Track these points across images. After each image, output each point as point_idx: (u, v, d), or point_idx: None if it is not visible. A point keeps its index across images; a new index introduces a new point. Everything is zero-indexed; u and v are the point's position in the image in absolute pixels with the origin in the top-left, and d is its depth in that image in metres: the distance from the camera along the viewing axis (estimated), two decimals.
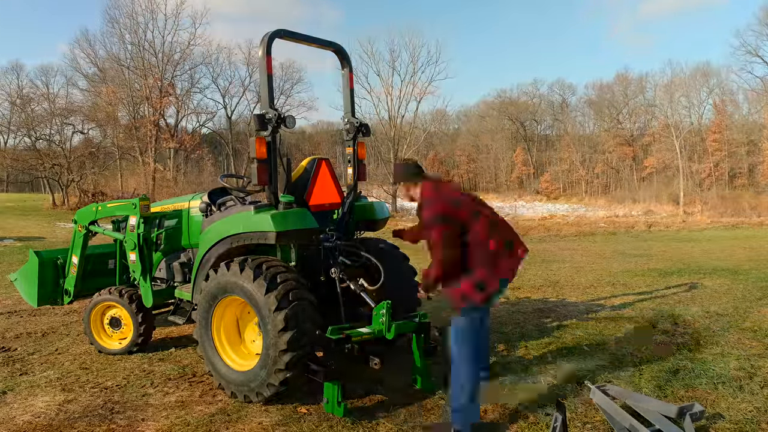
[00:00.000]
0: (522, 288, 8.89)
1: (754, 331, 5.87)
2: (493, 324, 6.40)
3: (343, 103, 5.19)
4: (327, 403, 3.85)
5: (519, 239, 3.85)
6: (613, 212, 37.46)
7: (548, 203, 56.90)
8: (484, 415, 3.88)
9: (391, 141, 44.07)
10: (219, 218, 4.57)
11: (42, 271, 5.78)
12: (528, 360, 5.04)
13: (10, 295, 8.63)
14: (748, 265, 11.11)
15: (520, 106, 70.72)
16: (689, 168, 49.02)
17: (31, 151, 34.66)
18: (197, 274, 4.67)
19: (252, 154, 4.23)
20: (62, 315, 7.32)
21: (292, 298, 3.91)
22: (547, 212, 40.45)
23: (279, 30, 4.40)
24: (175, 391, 4.50)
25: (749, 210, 32.34)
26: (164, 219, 5.55)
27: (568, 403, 4.03)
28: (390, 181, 43.05)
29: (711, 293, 8.06)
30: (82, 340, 6.00)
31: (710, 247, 15.69)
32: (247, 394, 4.08)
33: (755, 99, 52.18)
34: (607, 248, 16.02)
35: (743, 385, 4.30)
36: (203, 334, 4.34)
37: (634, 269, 10.94)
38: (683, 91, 52.72)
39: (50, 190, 34.30)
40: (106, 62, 40.76)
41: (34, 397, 4.45)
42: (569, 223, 27.87)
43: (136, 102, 39.66)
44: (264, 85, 4.25)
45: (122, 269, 5.78)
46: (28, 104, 38.89)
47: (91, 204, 5.89)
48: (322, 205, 4.77)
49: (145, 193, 30.06)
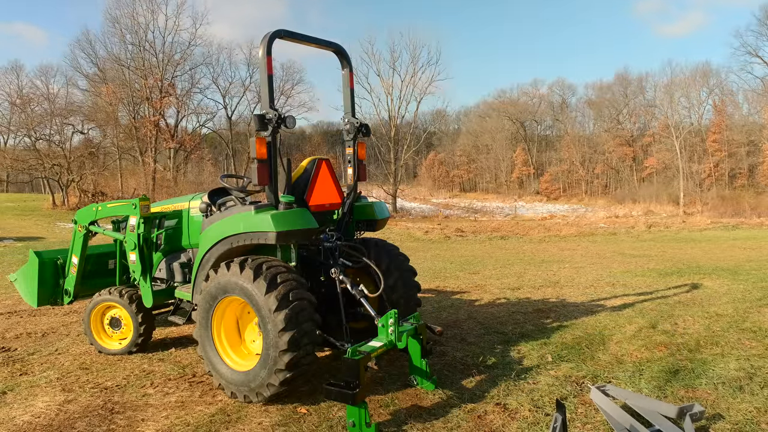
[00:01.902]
0: (522, 288, 8.89)
1: (754, 331, 5.87)
2: (493, 324, 6.41)
3: (343, 103, 5.19)
4: (354, 426, 3.56)
5: None
6: (613, 212, 37.50)
7: (548, 203, 56.97)
8: (484, 415, 3.88)
9: (391, 141, 44.12)
10: (219, 218, 4.57)
11: (42, 271, 5.78)
12: (528, 360, 5.04)
13: (10, 295, 8.63)
14: (748, 266, 11.11)
15: (520, 106, 70.73)
16: (689, 168, 49.03)
17: (31, 151, 34.68)
18: (197, 274, 4.67)
19: (252, 154, 4.23)
20: (62, 315, 7.33)
21: (292, 298, 3.91)
22: (547, 212, 40.49)
23: (279, 30, 4.41)
24: (175, 391, 4.49)
25: (749, 210, 32.38)
26: (164, 219, 5.55)
27: (568, 403, 4.03)
28: (390, 181, 43.09)
29: (711, 293, 8.06)
30: (82, 340, 6.00)
31: (710, 248, 15.70)
32: (247, 395, 4.07)
33: (755, 99, 52.20)
34: (607, 248, 16.02)
35: (743, 386, 4.29)
36: (203, 334, 4.34)
37: (634, 269, 10.94)
38: (683, 91, 52.78)
39: (50, 190, 34.32)
40: (106, 62, 40.85)
41: (34, 397, 4.45)
42: (569, 224, 27.90)
43: (136, 102, 39.71)
44: (264, 85, 4.25)
45: (122, 269, 5.78)
46: (28, 104, 38.90)
47: (91, 204, 5.89)
48: (322, 205, 4.77)
49: (145, 193, 30.11)
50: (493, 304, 7.64)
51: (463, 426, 3.74)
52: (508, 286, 9.16)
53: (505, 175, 70.20)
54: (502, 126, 70.12)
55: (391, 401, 4.16)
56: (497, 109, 70.93)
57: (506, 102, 71.40)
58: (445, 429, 3.71)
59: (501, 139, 69.90)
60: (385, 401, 4.16)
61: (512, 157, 69.48)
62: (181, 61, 42.10)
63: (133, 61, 40.25)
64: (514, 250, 15.99)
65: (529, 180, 68.98)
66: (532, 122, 71.37)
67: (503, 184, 69.48)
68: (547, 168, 68.26)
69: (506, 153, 69.59)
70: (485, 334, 5.96)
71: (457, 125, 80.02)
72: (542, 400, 4.09)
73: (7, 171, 47.04)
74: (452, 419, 3.83)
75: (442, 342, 5.59)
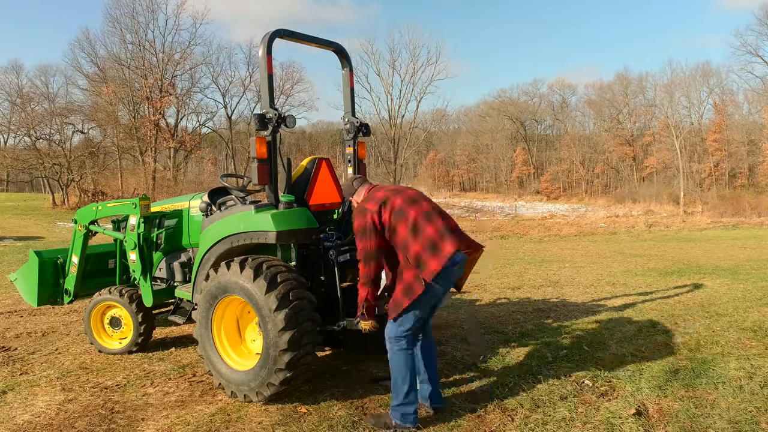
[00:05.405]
0: (522, 288, 8.89)
1: (754, 331, 5.87)
2: (493, 323, 6.41)
3: (344, 102, 5.19)
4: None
5: (446, 237, 3.64)
6: (613, 212, 37.46)
7: (548, 203, 56.94)
8: (484, 415, 3.88)
9: (391, 141, 44.14)
10: (219, 218, 4.57)
11: (42, 270, 5.78)
12: (528, 360, 5.04)
13: (10, 294, 8.64)
14: (748, 265, 11.11)
15: (520, 106, 70.72)
16: (689, 168, 49.06)
17: (31, 150, 34.66)
18: (197, 273, 4.66)
19: (252, 153, 4.23)
20: (62, 315, 7.33)
21: (293, 297, 3.91)
22: (547, 212, 40.49)
23: (279, 29, 4.40)
24: (175, 391, 4.50)
25: (749, 210, 32.37)
26: (164, 219, 5.55)
27: (568, 402, 4.03)
28: (390, 181, 43.11)
29: (711, 293, 8.06)
30: (82, 340, 6.00)
31: (710, 247, 15.70)
32: (247, 394, 4.08)
33: (755, 99, 52.21)
34: (607, 248, 16.02)
35: (743, 385, 4.29)
36: (203, 333, 4.34)
37: (634, 269, 10.94)
38: (683, 91, 52.80)
39: (50, 189, 34.32)
40: (106, 62, 40.81)
41: (34, 397, 4.45)
42: (569, 223, 27.90)
43: (136, 102, 39.70)
44: (264, 84, 4.25)
45: (122, 269, 5.78)
46: (28, 104, 38.92)
47: (91, 204, 5.88)
48: (322, 205, 4.77)
49: (145, 192, 30.04)
50: (493, 304, 7.64)
51: (463, 426, 3.74)
52: (508, 285, 9.17)
53: (505, 174, 70.19)
54: (502, 125, 70.10)
55: (391, 401, 4.15)
56: (497, 108, 70.90)
57: (506, 101, 71.36)
58: (445, 429, 3.71)
59: (501, 139, 69.88)
60: (385, 401, 4.16)
61: (512, 157, 69.46)
62: (181, 60, 42.09)
63: (133, 60, 40.24)
64: (514, 250, 15.99)
65: (529, 179, 68.97)
66: (532, 122, 71.35)
67: (503, 184, 69.46)
68: (547, 167, 68.25)
69: (506, 152, 69.57)
70: (485, 334, 5.96)
71: (457, 125, 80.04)
72: (542, 400, 4.09)
73: (7, 170, 47.07)
74: (452, 419, 3.83)
75: (442, 342, 5.60)
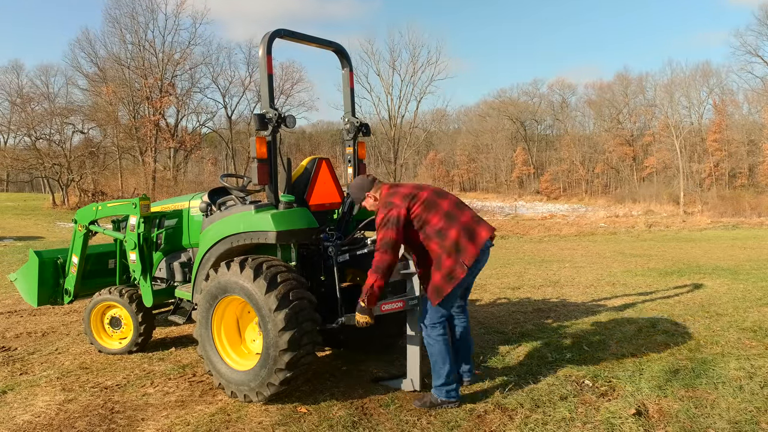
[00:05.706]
0: (522, 288, 8.89)
1: (754, 331, 5.87)
2: (493, 323, 6.41)
3: (344, 102, 5.19)
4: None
5: (479, 223, 3.98)
6: (613, 212, 37.43)
7: (548, 203, 56.92)
8: (484, 415, 3.88)
9: (391, 141, 44.15)
10: (219, 218, 4.57)
11: (42, 270, 5.78)
12: (528, 360, 5.04)
13: (10, 294, 8.64)
14: (748, 265, 11.11)
15: (520, 106, 70.73)
16: (689, 168, 49.06)
17: (31, 150, 34.67)
18: (197, 273, 4.66)
19: (252, 153, 4.23)
20: (62, 315, 7.33)
21: (293, 297, 3.91)
22: (547, 212, 40.45)
23: (279, 29, 4.40)
24: (175, 391, 4.50)
25: (749, 210, 32.35)
26: (164, 219, 5.55)
27: (568, 402, 4.03)
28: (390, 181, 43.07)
29: (711, 293, 8.06)
30: (82, 340, 6.00)
31: (710, 247, 15.70)
32: (247, 394, 4.08)
33: (755, 99, 52.21)
34: (607, 248, 16.02)
35: (743, 385, 4.29)
36: (203, 333, 4.34)
37: (634, 269, 10.95)
38: (683, 91, 52.81)
39: (50, 189, 34.32)
40: (106, 62, 40.82)
41: (34, 397, 4.45)
42: (569, 223, 27.88)
43: (136, 102, 39.71)
44: (264, 84, 4.25)
45: (122, 269, 5.78)
46: (28, 104, 38.92)
47: (91, 203, 5.88)
48: (322, 205, 4.77)
49: (145, 192, 30.03)
50: (493, 304, 7.64)
51: (463, 426, 3.74)
52: (508, 285, 9.17)
53: (505, 174, 70.20)
54: (502, 125, 70.11)
55: (391, 401, 4.16)
56: (497, 108, 70.91)
57: (506, 101, 71.37)
58: (445, 429, 3.71)
59: (501, 139, 69.89)
60: (385, 401, 4.16)
61: (512, 157, 69.47)
62: (181, 60, 42.09)
63: (133, 60, 40.25)
64: (514, 250, 15.99)
65: (529, 179, 68.98)
66: (532, 122, 71.36)
67: (503, 184, 69.47)
68: (547, 167, 68.26)
69: (506, 152, 69.58)
70: (485, 334, 5.96)
71: (457, 125, 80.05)
72: (542, 400, 4.09)
73: (7, 170, 47.07)
74: (452, 419, 3.83)
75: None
